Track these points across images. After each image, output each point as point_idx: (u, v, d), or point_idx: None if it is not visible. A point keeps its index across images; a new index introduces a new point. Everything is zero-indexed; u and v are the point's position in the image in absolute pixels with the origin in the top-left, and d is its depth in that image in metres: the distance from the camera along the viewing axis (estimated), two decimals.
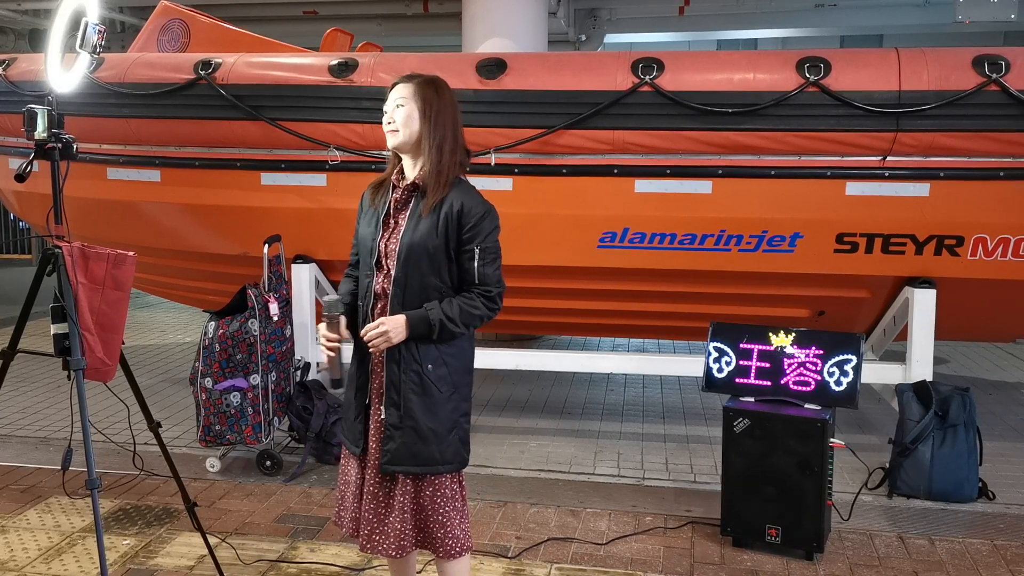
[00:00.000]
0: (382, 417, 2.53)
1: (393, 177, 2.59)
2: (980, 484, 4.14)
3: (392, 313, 2.49)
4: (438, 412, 2.51)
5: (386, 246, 2.52)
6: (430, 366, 2.49)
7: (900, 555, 3.57)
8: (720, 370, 3.82)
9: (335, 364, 2.61)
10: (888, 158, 4.31)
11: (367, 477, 2.60)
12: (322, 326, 2.56)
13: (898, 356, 4.74)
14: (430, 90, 2.52)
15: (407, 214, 2.52)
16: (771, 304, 4.85)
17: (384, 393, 2.52)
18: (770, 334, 3.75)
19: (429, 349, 2.49)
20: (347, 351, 2.65)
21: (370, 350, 2.51)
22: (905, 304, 4.58)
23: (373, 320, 2.51)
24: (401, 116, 2.50)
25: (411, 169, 2.56)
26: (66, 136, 2.80)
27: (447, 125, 2.51)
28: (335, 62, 4.67)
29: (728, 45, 13.60)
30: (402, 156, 2.57)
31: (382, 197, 2.59)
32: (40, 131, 2.74)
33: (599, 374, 6.39)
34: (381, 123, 2.56)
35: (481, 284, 2.48)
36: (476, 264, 2.47)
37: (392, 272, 2.49)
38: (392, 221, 2.55)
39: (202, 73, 4.70)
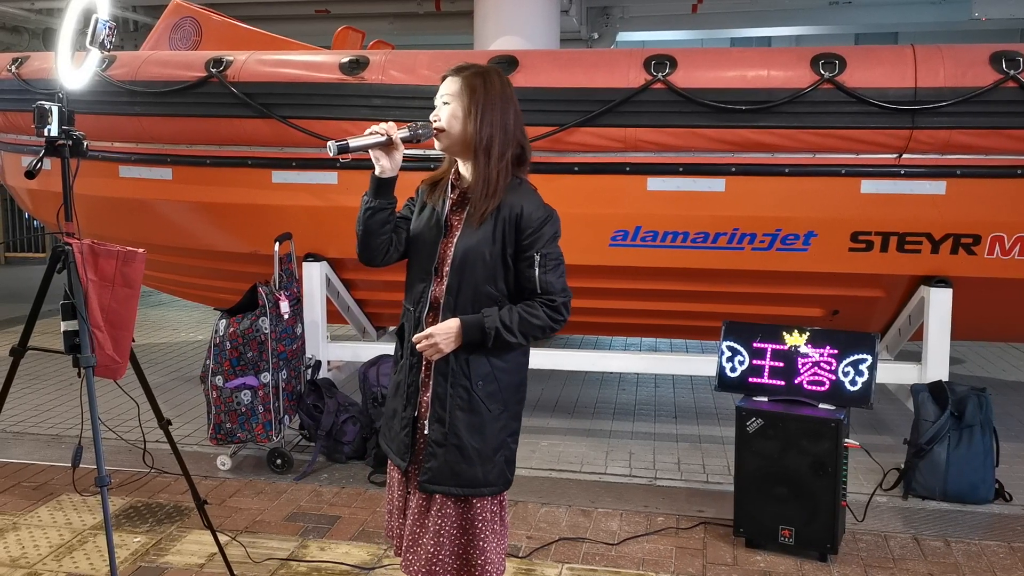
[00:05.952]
0: (426, 432, 2.37)
1: (452, 175, 2.39)
2: (996, 485, 4.09)
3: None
4: (485, 432, 2.34)
5: (444, 251, 2.35)
6: (480, 382, 2.32)
7: (915, 557, 3.53)
8: (733, 369, 3.79)
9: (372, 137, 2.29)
10: (904, 156, 4.26)
11: (410, 492, 2.47)
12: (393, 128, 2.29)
13: (913, 356, 4.69)
14: (477, 83, 2.28)
15: (464, 217, 2.34)
16: (785, 303, 4.81)
17: (429, 407, 2.35)
18: (784, 333, 3.72)
19: (480, 364, 2.32)
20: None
21: (424, 359, 2.35)
22: (921, 303, 4.53)
23: (427, 328, 2.33)
24: (445, 115, 2.30)
25: (466, 169, 2.37)
26: (76, 133, 2.79)
27: (495, 124, 2.28)
28: (346, 60, 4.66)
29: (742, 43, 13.55)
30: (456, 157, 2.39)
31: (440, 195, 2.39)
32: (50, 128, 2.74)
33: (611, 373, 6.36)
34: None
35: (544, 293, 2.30)
36: (537, 271, 2.28)
37: (446, 279, 2.33)
38: (450, 224, 2.37)
39: (213, 71, 4.70)
